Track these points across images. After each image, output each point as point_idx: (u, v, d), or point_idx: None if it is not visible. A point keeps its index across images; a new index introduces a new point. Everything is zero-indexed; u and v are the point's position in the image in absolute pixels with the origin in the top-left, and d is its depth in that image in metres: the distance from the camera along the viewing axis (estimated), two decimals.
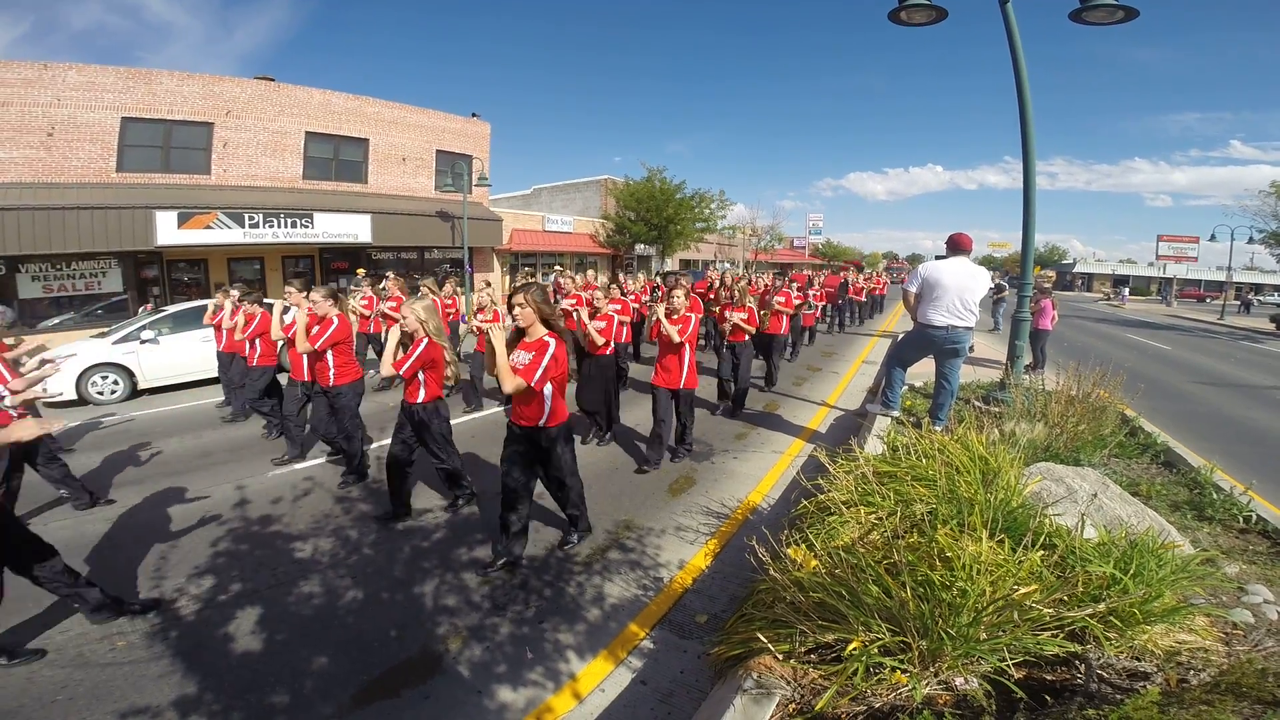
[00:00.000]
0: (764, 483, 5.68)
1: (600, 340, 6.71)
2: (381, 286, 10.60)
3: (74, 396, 8.80)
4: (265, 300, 7.53)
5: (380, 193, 19.69)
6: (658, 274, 23.46)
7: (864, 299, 19.99)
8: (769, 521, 4.66)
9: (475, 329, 7.82)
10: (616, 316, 7.81)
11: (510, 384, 3.69)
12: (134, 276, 15.06)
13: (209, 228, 15.04)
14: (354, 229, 17.77)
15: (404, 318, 4.54)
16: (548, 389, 3.86)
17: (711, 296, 12.32)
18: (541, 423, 3.92)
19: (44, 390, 8.56)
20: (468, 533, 4.67)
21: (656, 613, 3.65)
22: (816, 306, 14.56)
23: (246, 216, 15.60)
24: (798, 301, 11.16)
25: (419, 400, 4.60)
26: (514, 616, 3.61)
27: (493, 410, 8.26)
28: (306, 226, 16.71)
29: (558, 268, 24.38)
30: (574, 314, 7.47)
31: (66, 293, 14.21)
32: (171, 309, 10.58)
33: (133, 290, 14.94)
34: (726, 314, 7.69)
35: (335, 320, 5.49)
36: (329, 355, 5.50)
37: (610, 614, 3.65)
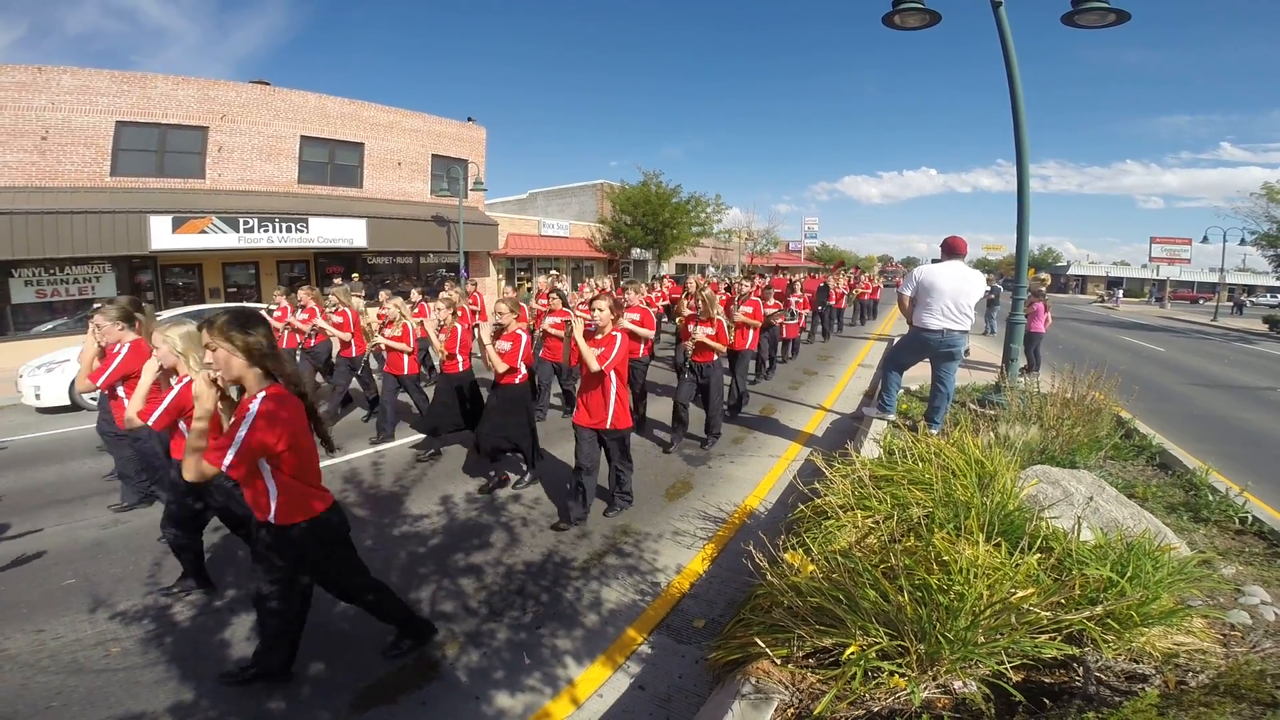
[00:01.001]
0: (761, 487, 5.68)
1: (502, 366, 5.26)
2: (317, 295, 8.75)
3: (68, 402, 8.75)
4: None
5: (376, 197, 19.67)
6: (653, 278, 23.42)
7: (843, 305, 18.34)
8: (766, 526, 4.65)
9: (382, 347, 7.00)
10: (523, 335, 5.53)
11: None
12: (128, 281, 15.00)
13: (203, 232, 15.01)
14: (349, 233, 17.75)
15: (155, 347, 3.49)
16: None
17: (672, 305, 11.66)
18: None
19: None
20: (464, 538, 4.66)
21: (654, 618, 3.65)
22: (800, 315, 12.84)
23: (241, 221, 15.57)
24: (770, 310, 9.65)
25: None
26: (511, 622, 3.60)
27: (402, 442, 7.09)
28: (301, 231, 16.68)
29: (553, 272, 24.38)
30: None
31: (60, 297, 14.16)
32: (167, 314, 10.55)
33: (127, 295, 14.87)
34: (690, 329, 6.73)
35: (126, 347, 4.27)
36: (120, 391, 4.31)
37: (608, 619, 3.64)
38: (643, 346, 6.91)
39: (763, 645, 2.62)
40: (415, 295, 9.84)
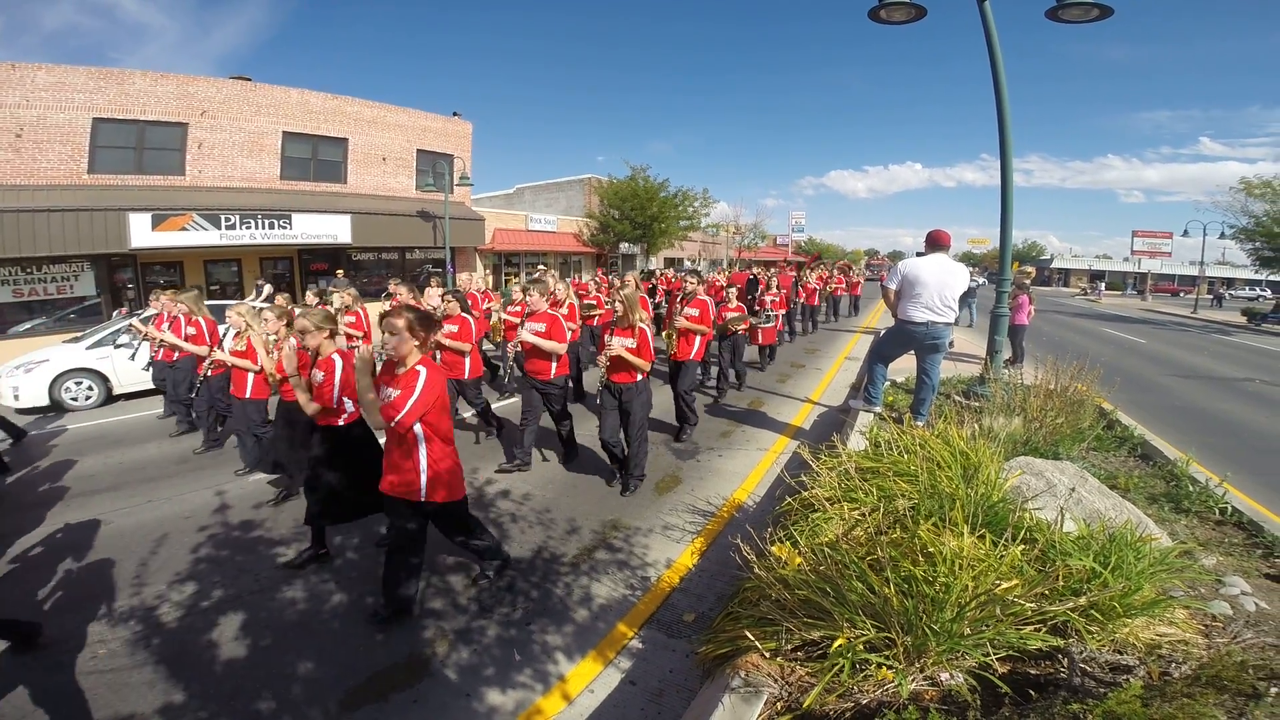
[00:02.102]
0: (749, 480, 5.71)
1: (312, 410, 3.95)
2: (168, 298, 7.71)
3: (47, 402, 8.63)
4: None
5: (360, 193, 19.49)
6: (642, 271, 23.34)
7: (817, 302, 16.59)
8: (754, 519, 4.68)
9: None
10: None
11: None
12: (107, 280, 14.78)
13: (184, 229, 14.80)
14: (333, 230, 17.58)
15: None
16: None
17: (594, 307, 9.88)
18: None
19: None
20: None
21: (644, 612, 3.66)
22: (776, 317, 11.08)
23: (223, 218, 15.37)
24: (730, 315, 8.59)
25: None
26: (501, 619, 3.60)
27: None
28: (285, 228, 16.50)
29: (541, 267, 24.31)
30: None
31: (38, 297, 13.92)
32: (147, 312, 10.41)
33: (106, 294, 14.67)
34: (606, 339, 5.26)
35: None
36: None
37: (598, 614, 3.65)
38: (554, 364, 5.62)
39: (752, 639, 2.64)
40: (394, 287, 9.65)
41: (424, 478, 3.34)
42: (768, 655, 2.61)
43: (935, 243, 6.00)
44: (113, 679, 3.07)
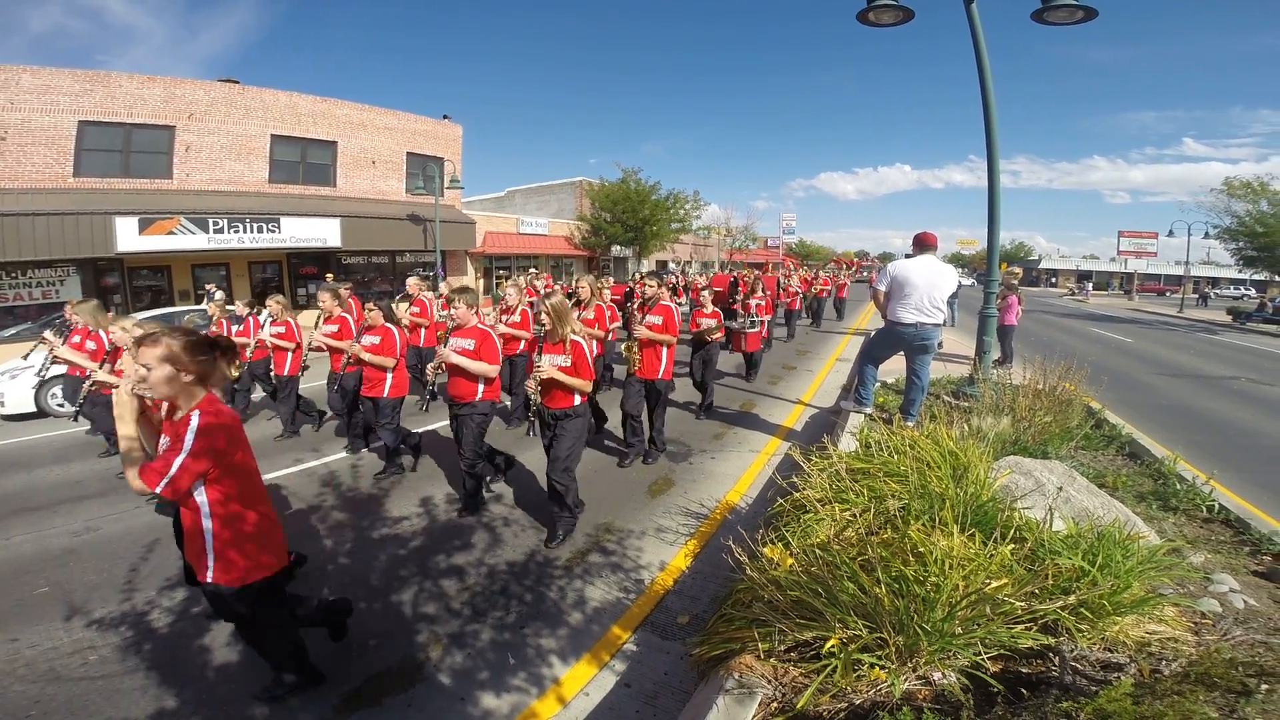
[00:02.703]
0: (741, 482, 5.72)
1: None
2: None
3: (33, 409, 8.54)
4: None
5: (350, 196, 19.43)
6: (636, 274, 23.29)
7: (797, 306, 15.81)
8: (747, 521, 4.69)
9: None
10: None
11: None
12: (94, 284, 14.67)
13: (171, 233, 14.72)
14: (323, 233, 17.51)
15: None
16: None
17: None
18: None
19: None
20: (445, 540, 4.63)
21: (639, 615, 3.66)
22: (761, 323, 9.88)
23: (211, 221, 15.29)
24: (706, 321, 7.77)
25: None
26: (495, 622, 3.60)
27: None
28: (273, 231, 16.43)
29: (532, 270, 24.28)
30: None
31: (23, 301, 13.81)
32: (136, 317, 10.32)
33: (93, 298, 14.54)
34: (535, 360, 4.38)
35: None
36: None
37: (592, 617, 3.65)
38: (481, 387, 4.76)
39: (745, 640, 2.65)
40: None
41: (209, 555, 2.51)
42: (761, 656, 2.62)
43: (923, 244, 6.05)
44: (104, 685, 3.04)
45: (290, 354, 7.03)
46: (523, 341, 7.22)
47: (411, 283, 9.08)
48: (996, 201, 6.79)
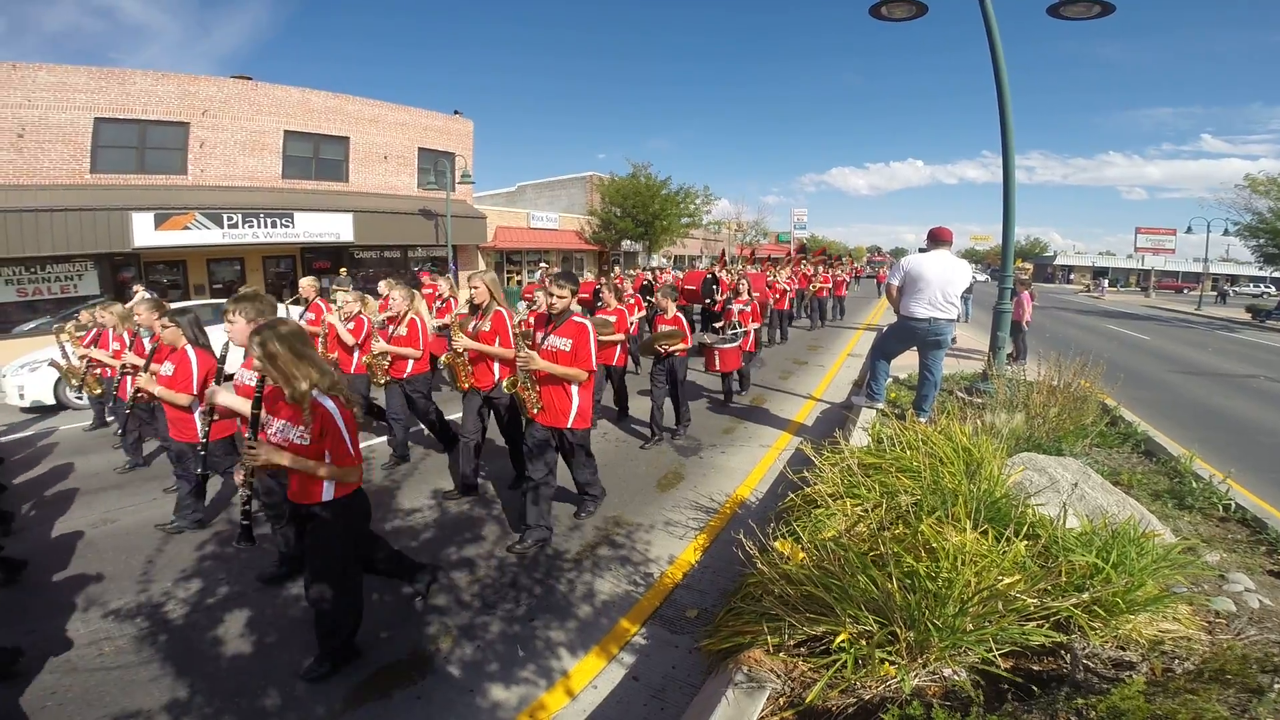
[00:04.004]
0: (751, 476, 5.71)
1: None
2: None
3: (52, 402, 8.65)
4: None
5: (362, 191, 19.51)
6: (648, 269, 23.17)
7: (785, 306, 13.82)
8: (757, 515, 4.68)
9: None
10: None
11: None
12: (111, 279, 14.81)
13: (187, 228, 14.83)
14: (336, 228, 17.60)
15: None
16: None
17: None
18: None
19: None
20: (456, 532, 4.66)
21: (647, 608, 3.66)
22: (745, 334, 8.03)
23: (225, 217, 15.40)
24: (665, 329, 6.72)
25: None
26: (504, 615, 3.61)
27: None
28: (287, 226, 16.53)
29: (544, 265, 24.32)
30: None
31: (42, 296, 13.96)
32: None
33: (110, 293, 14.66)
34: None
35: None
36: None
37: (601, 610, 3.65)
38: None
39: (754, 634, 2.65)
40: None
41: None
42: (770, 650, 2.61)
43: (937, 239, 6.00)
44: (120, 676, 3.08)
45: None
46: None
47: (366, 286, 8.24)
48: (1011, 196, 6.73)
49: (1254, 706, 1.97)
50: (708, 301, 11.45)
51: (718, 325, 8.28)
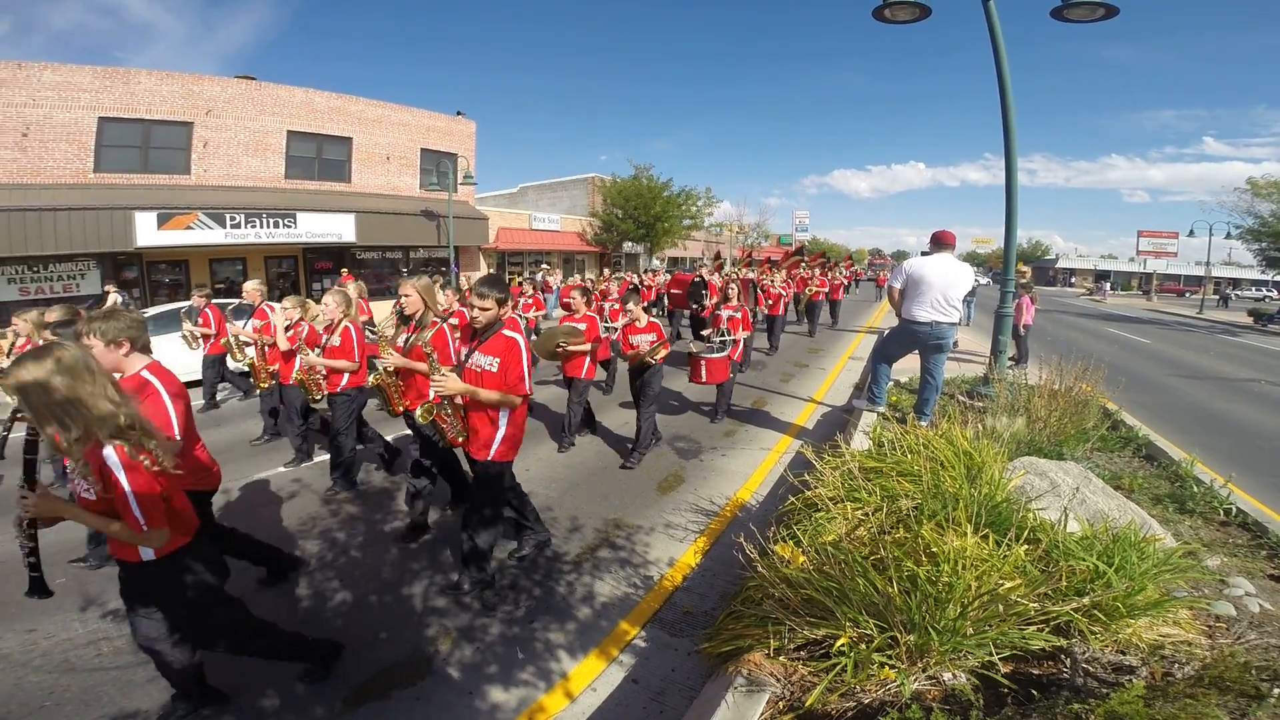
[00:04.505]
0: (752, 480, 5.70)
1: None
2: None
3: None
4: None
5: (364, 192, 19.55)
6: (647, 270, 23.08)
7: (780, 311, 12.64)
8: (757, 519, 4.68)
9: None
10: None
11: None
12: (114, 278, 14.84)
13: (189, 228, 14.88)
14: (338, 228, 17.65)
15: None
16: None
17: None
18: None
19: None
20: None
21: (647, 611, 3.66)
22: (735, 342, 7.57)
23: (228, 217, 15.45)
24: (639, 338, 6.06)
25: None
26: (504, 616, 3.61)
27: None
28: (289, 226, 16.58)
29: (544, 266, 24.34)
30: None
31: (44, 295, 13.97)
32: (152, 311, 10.46)
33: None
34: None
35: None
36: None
37: (601, 612, 3.65)
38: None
39: (754, 637, 2.64)
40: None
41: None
42: (770, 654, 2.61)
43: (940, 242, 6.00)
44: (118, 676, 3.08)
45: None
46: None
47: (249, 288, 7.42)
48: (1014, 199, 6.73)
49: (1254, 711, 1.96)
50: (695, 306, 10.80)
51: (705, 332, 7.60)
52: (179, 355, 8.24)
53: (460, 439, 3.71)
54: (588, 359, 6.36)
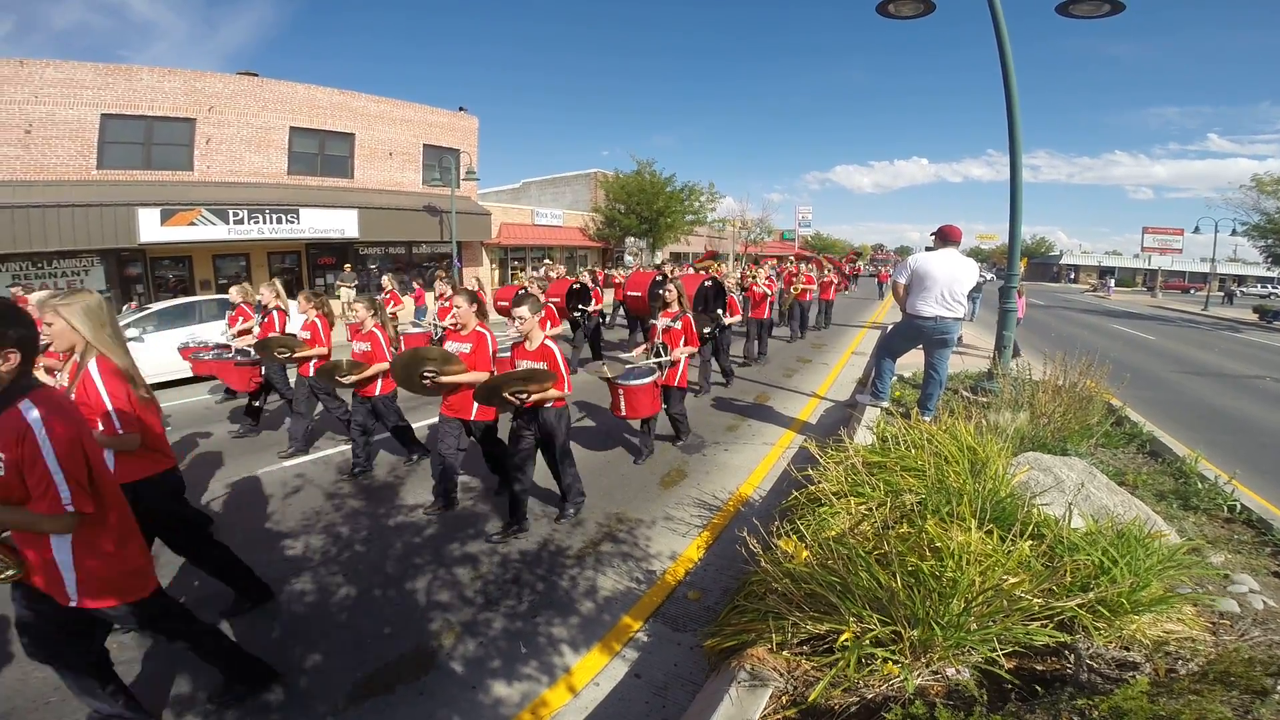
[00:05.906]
0: (755, 474, 5.70)
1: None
2: None
3: None
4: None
5: (367, 187, 19.55)
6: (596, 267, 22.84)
7: (765, 314, 10.98)
8: (760, 513, 4.68)
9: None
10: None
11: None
12: (117, 274, 14.90)
13: (193, 224, 14.92)
14: (341, 224, 17.67)
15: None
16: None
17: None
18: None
19: None
20: (460, 528, 4.66)
21: (650, 605, 3.66)
22: (674, 363, 6.07)
23: (231, 213, 15.47)
24: (530, 363, 4.41)
25: None
26: (507, 611, 3.61)
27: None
28: (292, 222, 16.60)
29: (547, 261, 24.33)
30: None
31: (48, 291, 14.02)
32: (156, 306, 10.48)
33: (116, 288, 14.78)
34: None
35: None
36: None
37: (604, 607, 3.66)
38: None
39: (757, 632, 2.64)
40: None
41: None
42: (774, 649, 2.61)
43: (946, 237, 5.98)
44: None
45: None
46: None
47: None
48: (1018, 195, 6.71)
49: (1257, 708, 1.96)
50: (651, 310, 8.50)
51: (635, 351, 6.52)
52: (179, 358, 8.37)
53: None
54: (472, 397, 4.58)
